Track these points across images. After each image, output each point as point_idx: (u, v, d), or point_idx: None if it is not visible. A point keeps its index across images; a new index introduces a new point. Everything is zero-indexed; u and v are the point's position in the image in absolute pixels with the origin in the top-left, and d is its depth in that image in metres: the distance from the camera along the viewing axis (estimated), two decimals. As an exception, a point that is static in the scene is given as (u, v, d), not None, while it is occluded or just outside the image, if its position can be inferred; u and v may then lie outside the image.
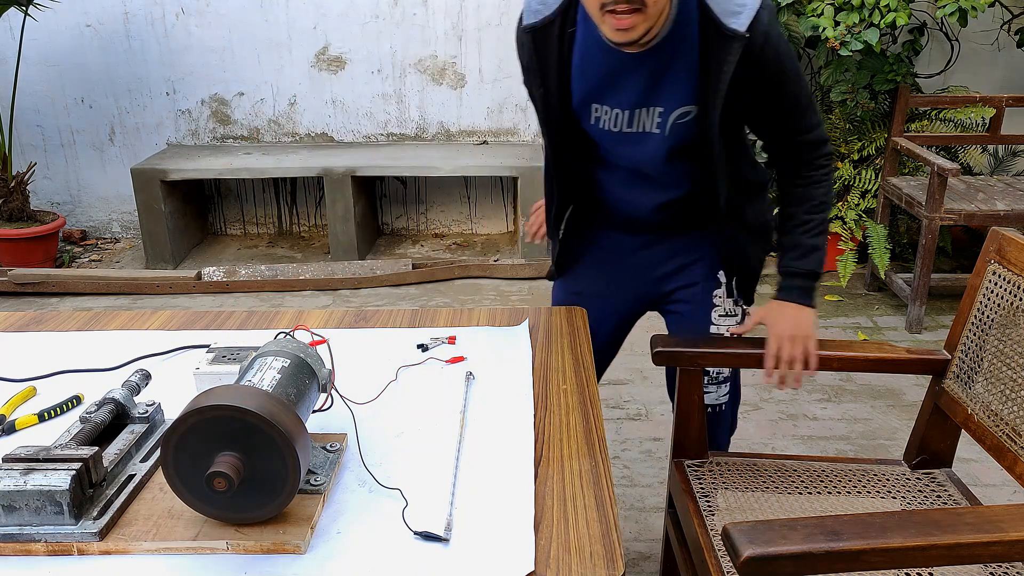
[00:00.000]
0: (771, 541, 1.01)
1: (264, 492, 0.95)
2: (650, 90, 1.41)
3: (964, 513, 1.07)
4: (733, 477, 1.56)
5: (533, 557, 0.95)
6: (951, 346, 1.52)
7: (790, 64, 1.38)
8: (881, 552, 1.01)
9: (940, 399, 1.53)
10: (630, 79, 1.41)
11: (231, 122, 4.42)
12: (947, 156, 3.92)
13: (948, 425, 1.54)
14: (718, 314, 1.65)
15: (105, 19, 4.22)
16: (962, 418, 1.46)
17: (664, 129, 1.43)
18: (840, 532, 1.03)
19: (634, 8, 1.26)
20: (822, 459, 1.63)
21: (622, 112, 1.45)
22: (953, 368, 1.51)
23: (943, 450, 1.57)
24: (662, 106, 1.42)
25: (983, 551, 1.03)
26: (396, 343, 1.51)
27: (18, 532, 0.96)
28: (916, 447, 1.58)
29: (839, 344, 1.55)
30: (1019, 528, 1.04)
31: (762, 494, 1.51)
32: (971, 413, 1.44)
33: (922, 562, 1.04)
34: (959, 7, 3.12)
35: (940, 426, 1.55)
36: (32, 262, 3.98)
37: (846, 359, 1.52)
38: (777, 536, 1.02)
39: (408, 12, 4.21)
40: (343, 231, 4.06)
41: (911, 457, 1.60)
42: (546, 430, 1.22)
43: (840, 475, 1.57)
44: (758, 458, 1.63)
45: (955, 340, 1.51)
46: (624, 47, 1.34)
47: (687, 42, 1.36)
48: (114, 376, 1.39)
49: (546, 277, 1.82)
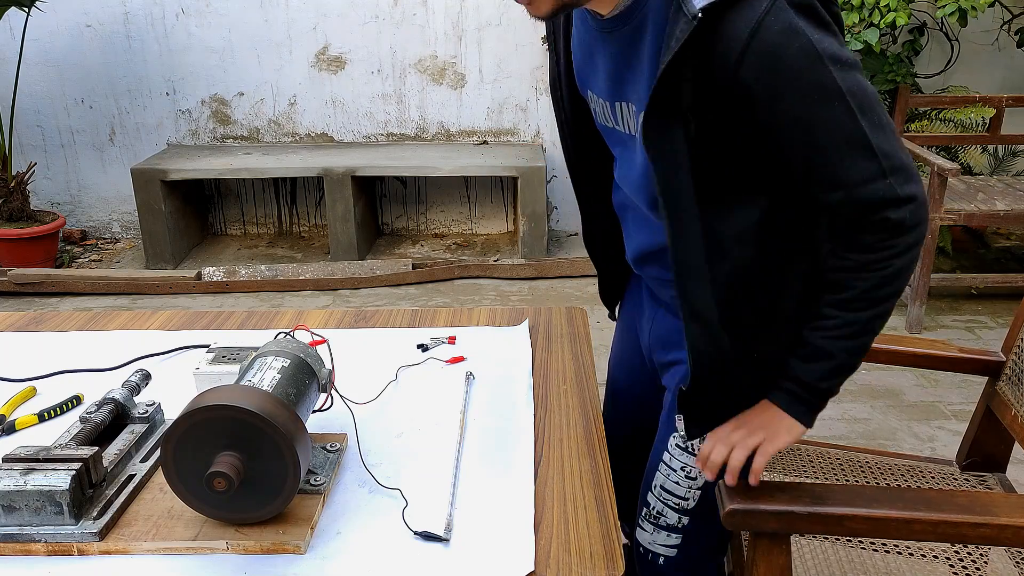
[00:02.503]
0: (755, 499, 1.06)
1: (264, 492, 0.95)
2: (619, 78, 1.08)
3: (959, 495, 1.08)
4: (776, 459, 1.53)
5: (533, 557, 0.95)
6: (1007, 348, 1.49)
7: (808, 80, 0.91)
8: (863, 519, 1.02)
9: (992, 401, 1.49)
10: (601, 60, 1.10)
11: (231, 122, 4.42)
12: (947, 156, 3.92)
13: (1002, 428, 1.49)
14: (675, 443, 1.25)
15: (105, 19, 4.22)
16: (1009, 420, 1.44)
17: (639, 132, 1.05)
18: (825, 497, 1.06)
19: None
20: (868, 451, 1.59)
21: (606, 103, 1.13)
22: (1007, 370, 1.48)
23: (997, 454, 1.53)
24: (634, 102, 1.06)
25: (970, 531, 1.03)
26: (396, 343, 1.50)
27: (18, 532, 0.96)
28: (968, 448, 1.55)
29: (890, 338, 1.50)
30: (1011, 514, 1.04)
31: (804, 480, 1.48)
32: (1016, 415, 1.41)
33: (905, 534, 1.05)
34: (959, 7, 3.12)
35: (994, 429, 1.51)
36: (32, 262, 3.98)
37: (895, 353, 1.48)
38: (763, 495, 1.07)
39: (408, 12, 4.21)
40: (343, 231, 4.06)
41: (962, 458, 1.56)
42: (546, 430, 1.22)
43: (885, 469, 1.53)
44: (802, 444, 1.58)
45: (1011, 342, 1.48)
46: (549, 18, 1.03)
47: (654, 16, 0.98)
48: (114, 376, 1.39)
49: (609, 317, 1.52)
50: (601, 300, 1.48)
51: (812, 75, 0.91)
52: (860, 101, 0.92)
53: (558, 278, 3.95)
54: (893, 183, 0.95)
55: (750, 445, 1.09)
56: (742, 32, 0.89)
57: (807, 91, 0.91)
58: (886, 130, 0.95)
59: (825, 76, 0.91)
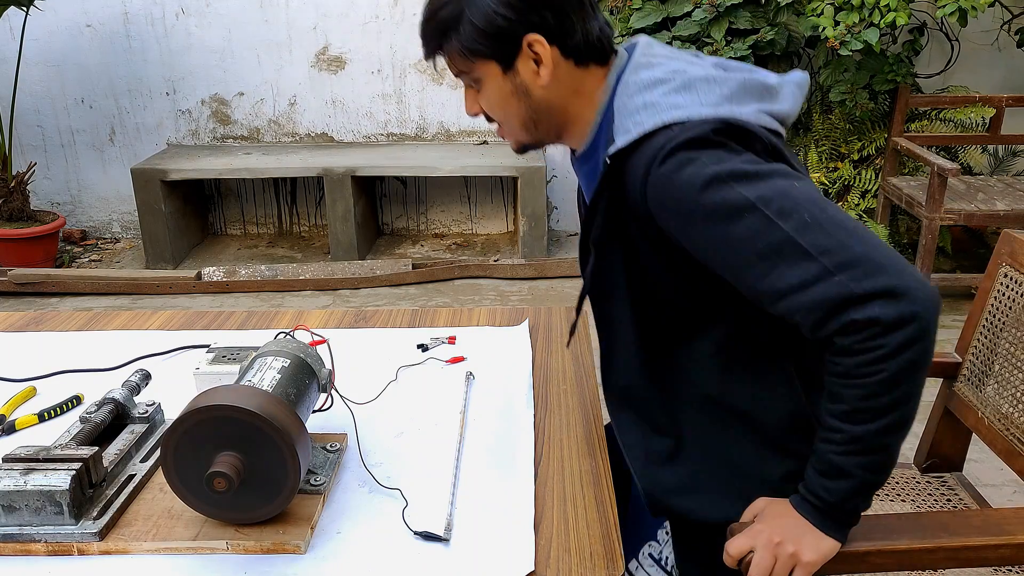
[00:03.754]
0: None
1: (264, 492, 0.95)
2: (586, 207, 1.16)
3: (971, 516, 1.07)
4: None
5: (533, 557, 0.95)
6: (962, 349, 1.51)
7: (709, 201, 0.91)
8: (888, 554, 1.01)
9: (951, 402, 1.51)
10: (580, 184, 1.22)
11: (231, 122, 4.42)
12: (947, 156, 3.92)
13: (959, 428, 1.52)
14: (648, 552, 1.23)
15: (105, 19, 4.22)
16: (973, 422, 1.45)
17: None
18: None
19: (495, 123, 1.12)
20: None
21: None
22: (964, 371, 1.49)
23: (954, 454, 1.55)
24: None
25: (990, 554, 1.03)
26: (396, 343, 1.50)
27: (18, 532, 0.96)
28: (927, 451, 1.56)
29: None
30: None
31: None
32: (981, 416, 1.42)
33: (928, 564, 1.04)
34: (959, 7, 3.12)
35: (951, 429, 1.53)
36: (32, 262, 3.98)
37: None
38: None
39: (408, 12, 4.21)
40: (343, 231, 4.06)
41: (921, 460, 1.58)
42: (546, 430, 1.22)
43: None
44: None
45: (966, 343, 1.50)
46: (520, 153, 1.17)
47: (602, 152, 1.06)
48: (114, 376, 1.39)
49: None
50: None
51: (711, 195, 0.91)
52: (780, 205, 0.89)
53: (558, 278, 3.95)
54: (845, 280, 0.85)
55: (789, 555, 0.98)
56: (640, 170, 0.96)
57: (711, 211, 0.91)
58: (825, 226, 0.88)
59: (727, 192, 0.90)
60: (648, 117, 0.97)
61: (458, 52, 1.04)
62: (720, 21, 3.51)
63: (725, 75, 1.01)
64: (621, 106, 1.01)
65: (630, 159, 0.97)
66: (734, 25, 3.52)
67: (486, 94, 1.07)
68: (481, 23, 1.01)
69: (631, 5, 3.66)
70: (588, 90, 1.07)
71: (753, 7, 3.56)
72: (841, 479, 0.95)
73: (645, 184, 0.95)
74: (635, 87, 1.01)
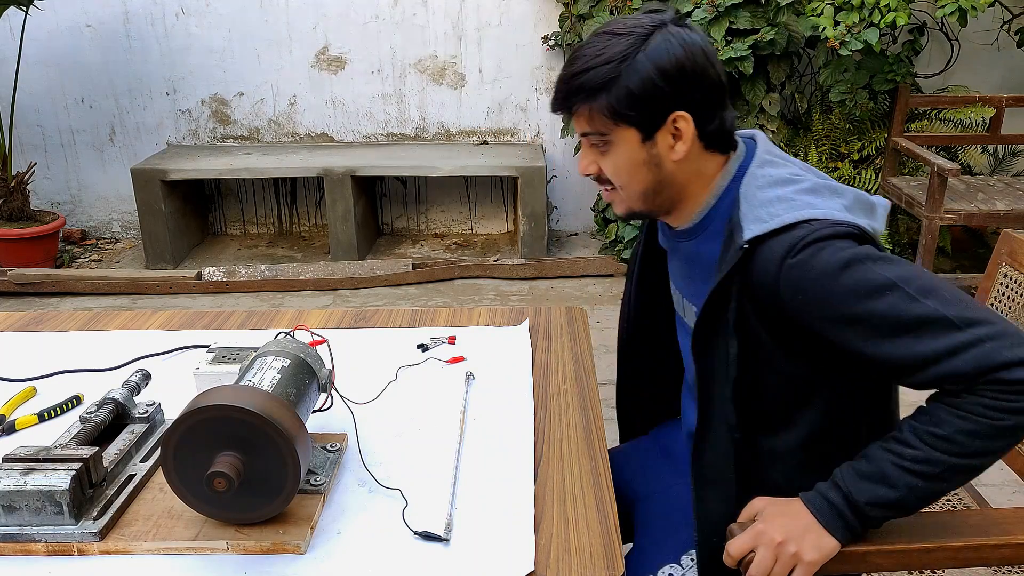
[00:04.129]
0: None
1: (264, 492, 0.95)
2: (686, 279, 1.22)
3: (970, 515, 1.07)
4: None
5: (533, 557, 0.95)
6: None
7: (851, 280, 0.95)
8: (887, 554, 1.01)
9: None
10: (676, 259, 1.24)
11: (231, 122, 4.42)
12: (947, 156, 3.92)
13: None
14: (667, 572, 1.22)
15: (105, 19, 4.22)
16: None
17: None
18: None
19: (608, 186, 1.14)
20: None
21: (679, 296, 1.26)
22: None
23: None
24: (694, 303, 1.18)
25: (990, 553, 1.03)
26: (396, 343, 1.50)
27: (18, 532, 0.96)
28: None
29: None
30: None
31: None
32: None
33: (928, 564, 1.04)
34: (959, 7, 3.12)
35: None
36: (32, 262, 3.98)
37: None
38: None
39: (408, 12, 4.21)
40: (343, 231, 4.06)
41: None
42: (546, 430, 1.22)
43: None
44: None
45: None
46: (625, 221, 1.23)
47: (715, 238, 1.11)
48: (114, 376, 1.39)
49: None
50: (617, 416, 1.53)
51: (851, 275, 0.95)
52: (919, 284, 0.94)
53: (558, 278, 3.95)
54: (996, 347, 0.90)
55: (790, 555, 0.98)
56: (776, 256, 0.99)
57: (852, 289, 0.95)
58: (964, 302, 0.93)
59: (866, 272, 0.95)
60: (785, 210, 1.01)
61: (603, 113, 1.05)
62: (720, 21, 3.51)
63: (842, 187, 1.08)
64: (750, 196, 1.05)
65: (761, 246, 1.01)
66: (734, 25, 3.52)
67: (614, 158, 1.09)
68: (637, 89, 1.03)
69: (631, 5, 3.67)
70: (708, 174, 1.12)
71: (753, 7, 3.57)
72: (882, 486, 0.96)
73: (780, 269, 0.98)
74: (764, 180, 1.06)
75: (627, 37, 1.04)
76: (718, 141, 1.10)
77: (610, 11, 3.75)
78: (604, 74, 1.04)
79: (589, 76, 1.05)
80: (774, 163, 1.10)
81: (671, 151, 1.07)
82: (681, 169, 1.09)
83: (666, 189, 1.11)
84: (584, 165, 1.13)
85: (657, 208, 1.14)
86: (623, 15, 1.08)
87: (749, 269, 1.02)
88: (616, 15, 3.72)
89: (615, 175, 1.11)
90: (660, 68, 1.03)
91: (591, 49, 1.06)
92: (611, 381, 1.67)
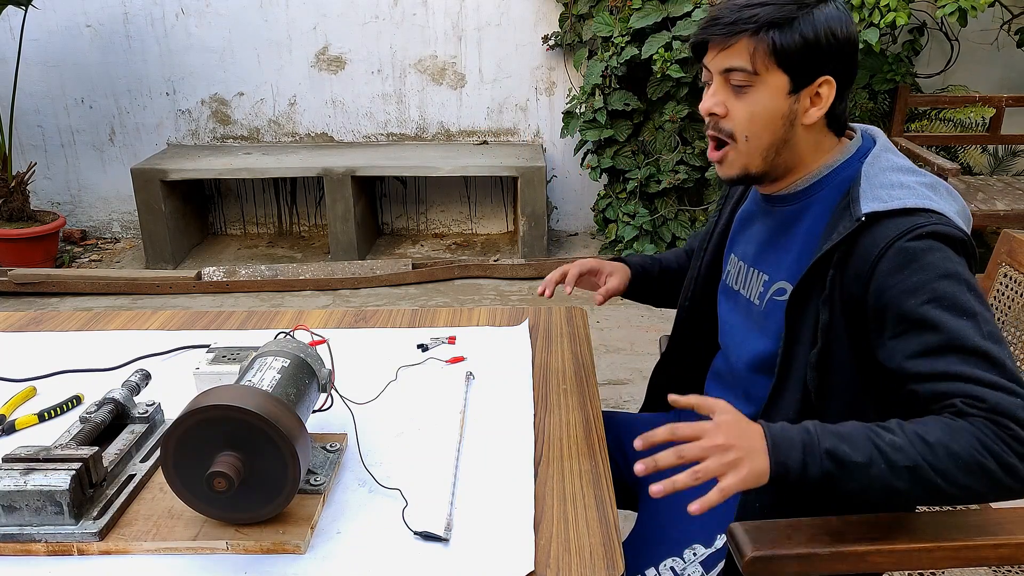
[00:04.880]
0: (776, 542, 1.01)
1: (264, 492, 0.95)
2: (765, 249, 1.20)
3: (970, 515, 1.07)
4: None
5: (533, 557, 0.95)
6: None
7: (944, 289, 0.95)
8: (887, 553, 1.01)
9: None
10: (757, 228, 1.23)
11: (231, 122, 4.43)
12: (947, 156, 3.92)
13: None
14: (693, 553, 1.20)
15: (105, 19, 4.22)
16: None
17: (762, 303, 1.18)
18: (844, 533, 1.02)
19: (720, 141, 1.13)
20: None
21: (744, 267, 1.25)
22: None
23: None
24: (768, 273, 1.18)
25: (990, 553, 1.03)
26: (396, 343, 1.50)
27: (18, 532, 0.96)
28: None
29: None
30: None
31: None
32: None
33: (928, 563, 1.04)
34: (959, 7, 3.12)
35: None
36: (32, 262, 3.98)
37: None
38: (782, 536, 1.02)
39: (408, 12, 4.21)
40: (343, 231, 4.06)
41: None
42: (546, 430, 1.22)
43: None
44: None
45: None
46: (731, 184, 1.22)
47: (821, 206, 1.12)
48: (114, 376, 1.39)
49: None
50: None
51: (948, 285, 0.95)
52: (991, 329, 0.95)
53: (558, 278, 3.95)
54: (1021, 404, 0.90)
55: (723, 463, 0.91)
56: (892, 233, 0.99)
57: (941, 296, 0.95)
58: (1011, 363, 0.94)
59: (961, 292, 0.95)
60: (907, 195, 1.02)
61: (768, 48, 1.05)
62: (720, 21, 3.50)
63: (955, 192, 1.09)
64: (872, 175, 1.06)
65: (876, 224, 1.01)
66: (734, 25, 3.51)
67: (752, 103, 1.08)
68: (810, 37, 1.05)
69: (631, 5, 3.67)
70: (824, 149, 1.13)
71: (753, 7, 3.56)
72: (846, 445, 0.92)
73: (887, 249, 0.98)
74: (887, 164, 1.08)
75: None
76: (838, 122, 1.13)
77: (610, 11, 3.75)
78: (785, 13, 1.05)
79: (768, 10, 1.05)
80: (897, 153, 1.12)
81: (806, 113, 1.09)
82: (805, 135, 1.11)
83: (786, 151, 1.11)
84: (713, 103, 1.10)
85: (773, 169, 1.13)
86: None
87: (856, 243, 1.02)
88: (616, 15, 3.72)
89: (748, 121, 1.09)
90: (832, 29, 1.05)
91: None
92: (611, 381, 1.68)
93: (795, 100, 1.08)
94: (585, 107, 3.91)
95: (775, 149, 1.11)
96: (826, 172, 1.13)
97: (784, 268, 1.15)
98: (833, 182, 1.12)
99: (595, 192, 4.27)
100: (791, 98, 1.08)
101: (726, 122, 1.11)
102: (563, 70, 4.27)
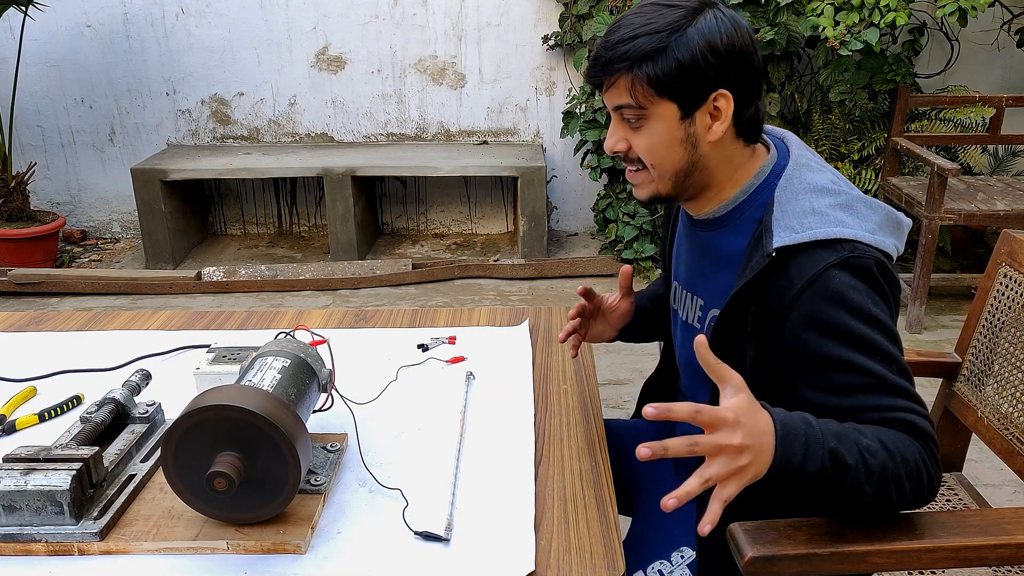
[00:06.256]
0: (776, 542, 1.01)
1: (264, 492, 0.95)
2: (695, 272, 1.19)
3: (969, 515, 1.07)
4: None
5: (533, 557, 0.95)
6: (961, 349, 1.50)
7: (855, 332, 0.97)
8: (886, 554, 1.01)
9: (950, 402, 1.51)
10: (685, 250, 1.22)
11: (231, 122, 4.43)
12: (947, 156, 3.92)
13: (959, 429, 1.52)
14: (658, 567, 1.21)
15: (105, 19, 4.22)
16: (972, 421, 1.45)
17: (702, 327, 1.17)
18: (844, 533, 1.02)
19: (636, 167, 1.11)
20: None
21: (680, 289, 1.24)
22: (964, 371, 1.49)
23: (954, 453, 1.55)
24: (703, 298, 1.18)
25: (989, 553, 1.03)
26: (396, 343, 1.51)
27: (18, 532, 0.96)
28: None
29: None
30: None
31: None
32: (981, 416, 1.42)
33: (927, 564, 1.04)
34: (959, 7, 3.12)
35: (951, 430, 1.53)
36: (32, 262, 3.98)
37: None
38: (781, 536, 1.02)
39: (408, 12, 4.21)
40: (343, 231, 4.07)
41: None
42: (546, 430, 1.22)
43: None
44: None
45: (965, 343, 1.49)
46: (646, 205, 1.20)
47: (738, 235, 1.10)
48: (114, 376, 1.39)
49: None
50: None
51: (861, 327, 0.97)
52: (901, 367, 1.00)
53: (558, 278, 3.95)
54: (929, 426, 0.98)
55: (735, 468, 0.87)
56: (807, 272, 0.98)
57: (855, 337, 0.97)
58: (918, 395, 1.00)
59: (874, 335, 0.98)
60: (818, 224, 1.01)
61: (646, 83, 1.02)
62: (720, 21, 3.51)
63: (875, 203, 1.07)
64: (785, 200, 1.04)
65: (790, 259, 1.00)
66: (734, 25, 3.52)
67: (648, 134, 1.06)
68: (687, 61, 1.01)
69: (631, 5, 3.67)
70: (737, 163, 1.10)
71: (753, 7, 3.57)
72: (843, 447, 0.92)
73: (807, 286, 0.98)
74: (800, 187, 1.06)
75: (677, 10, 1.03)
76: (750, 130, 1.09)
77: (610, 11, 3.75)
78: (653, 43, 1.01)
79: (637, 44, 1.01)
80: (811, 168, 1.08)
81: (708, 131, 1.05)
82: (714, 152, 1.08)
83: (696, 172, 1.09)
84: (613, 141, 1.09)
85: (685, 191, 1.11)
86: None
87: (772, 279, 1.01)
88: (616, 15, 3.72)
89: (648, 152, 1.07)
90: (711, 44, 1.01)
91: (638, 18, 1.03)
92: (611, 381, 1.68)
93: (690, 123, 1.05)
94: (585, 107, 3.91)
95: (684, 172, 1.08)
96: (742, 199, 1.11)
97: (716, 295, 1.13)
98: (749, 208, 1.10)
99: (595, 192, 4.27)
100: (685, 122, 1.05)
101: (632, 154, 1.10)
102: (563, 70, 4.27)
